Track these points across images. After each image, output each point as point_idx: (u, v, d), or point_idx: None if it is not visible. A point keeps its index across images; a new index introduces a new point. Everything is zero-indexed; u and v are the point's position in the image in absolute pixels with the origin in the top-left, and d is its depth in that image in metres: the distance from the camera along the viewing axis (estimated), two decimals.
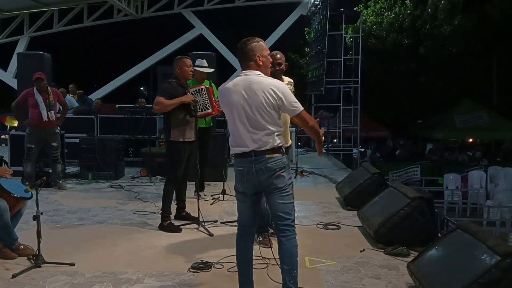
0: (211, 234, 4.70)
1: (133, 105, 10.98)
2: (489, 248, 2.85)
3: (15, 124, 16.17)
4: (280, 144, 2.92)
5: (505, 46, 18.13)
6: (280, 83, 2.95)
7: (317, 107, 16.71)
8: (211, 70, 6.01)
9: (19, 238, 3.97)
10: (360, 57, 14.26)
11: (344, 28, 14.97)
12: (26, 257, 3.87)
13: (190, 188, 5.29)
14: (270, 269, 3.63)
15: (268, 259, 3.78)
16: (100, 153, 7.95)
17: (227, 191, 6.45)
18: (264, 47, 3.00)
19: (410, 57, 19.00)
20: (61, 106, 7.37)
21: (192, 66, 5.14)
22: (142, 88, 30.29)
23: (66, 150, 8.29)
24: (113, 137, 8.32)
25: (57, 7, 15.53)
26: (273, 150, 2.89)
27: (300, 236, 4.38)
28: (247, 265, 3.07)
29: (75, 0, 15.45)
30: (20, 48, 15.55)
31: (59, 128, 7.25)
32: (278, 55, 4.23)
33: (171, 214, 5.04)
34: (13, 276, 3.49)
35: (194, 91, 5.16)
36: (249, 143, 2.90)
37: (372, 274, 3.68)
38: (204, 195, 6.46)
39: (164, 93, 4.81)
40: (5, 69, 15.60)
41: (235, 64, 16.13)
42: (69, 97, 10.65)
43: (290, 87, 4.21)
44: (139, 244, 4.43)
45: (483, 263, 2.80)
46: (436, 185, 13.02)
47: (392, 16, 18.76)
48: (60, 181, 7.20)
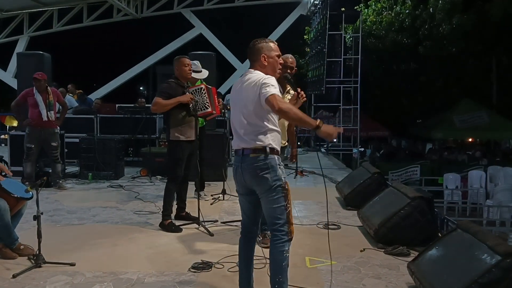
0: (212, 234, 4.70)
1: (133, 105, 10.98)
2: (490, 248, 2.85)
3: (15, 124, 16.17)
4: (265, 145, 2.81)
5: (505, 46, 18.14)
6: (266, 77, 2.82)
7: (317, 107, 16.72)
8: (204, 76, 5.96)
9: (20, 238, 3.97)
10: (360, 57, 14.27)
11: (344, 28, 14.98)
12: (27, 257, 3.87)
13: (191, 188, 5.28)
14: None
15: (268, 259, 3.78)
16: (100, 153, 7.96)
17: (227, 191, 6.46)
18: (272, 48, 2.97)
19: (410, 57, 19.01)
20: (61, 106, 7.37)
21: (191, 65, 5.14)
22: (142, 88, 30.29)
23: (66, 150, 8.30)
24: (113, 137, 8.32)
25: (57, 7, 15.54)
26: (256, 150, 2.82)
27: (300, 236, 4.43)
28: (247, 264, 3.06)
29: (75, 0, 15.45)
30: (20, 48, 15.56)
31: (59, 128, 7.25)
32: (290, 59, 4.24)
33: (172, 214, 5.04)
34: (14, 276, 3.49)
35: (194, 91, 5.17)
36: (239, 141, 2.90)
37: (373, 274, 3.68)
38: (205, 195, 6.47)
39: (162, 94, 4.85)
40: (5, 69, 15.61)
41: (235, 64, 16.16)
42: (69, 97, 10.64)
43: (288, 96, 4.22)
44: (140, 244, 4.43)
45: (484, 263, 2.80)
46: (436, 185, 13.02)
47: (392, 16, 18.77)
48: (60, 181, 7.20)
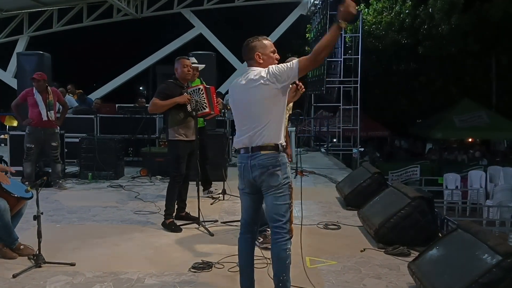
0: (212, 234, 4.69)
1: (133, 105, 10.98)
2: (490, 248, 2.85)
3: (15, 124, 16.16)
4: (276, 142, 2.85)
5: (505, 46, 18.14)
6: (263, 72, 2.86)
7: (317, 107, 16.73)
8: (201, 66, 5.98)
9: (20, 238, 3.97)
10: (360, 57, 14.27)
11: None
12: (27, 257, 3.87)
13: (191, 188, 5.28)
14: (271, 269, 3.62)
15: (269, 259, 3.78)
16: (100, 153, 7.94)
17: (227, 191, 6.47)
18: (266, 45, 2.98)
19: (410, 57, 19.02)
20: (61, 106, 7.37)
21: (191, 66, 5.15)
22: (142, 88, 30.29)
23: (66, 150, 8.29)
24: (113, 137, 8.32)
25: (57, 7, 15.53)
26: (267, 147, 2.84)
27: (301, 236, 4.41)
28: (248, 264, 3.06)
29: (75, 0, 15.45)
30: (20, 48, 15.55)
31: (59, 128, 7.25)
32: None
33: (174, 213, 5.04)
34: (14, 276, 3.48)
35: (192, 91, 5.17)
36: (247, 139, 2.90)
37: (373, 274, 3.68)
38: (216, 189, 6.57)
39: (159, 94, 4.89)
40: (5, 69, 15.60)
41: (235, 64, 16.16)
42: (69, 97, 10.64)
43: None
44: (140, 244, 4.43)
45: (484, 263, 2.80)
46: (436, 185, 13.04)
47: (392, 16, 18.77)
48: (60, 181, 7.20)
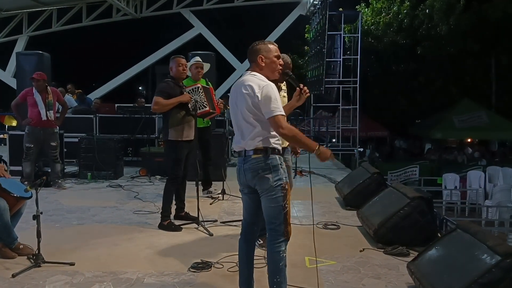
0: (211, 234, 4.70)
1: (132, 105, 10.97)
2: (490, 248, 2.85)
3: (14, 124, 16.14)
4: (266, 145, 2.83)
5: (504, 46, 18.16)
6: (264, 84, 2.84)
7: (316, 107, 16.73)
8: (206, 65, 6.00)
9: (19, 238, 3.97)
10: (359, 57, 14.28)
11: (342, 28, 15.00)
12: (26, 257, 3.87)
13: (191, 188, 5.28)
14: None
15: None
16: (99, 153, 7.94)
17: (227, 191, 6.47)
18: (271, 49, 2.97)
19: (409, 57, 19.03)
20: (61, 106, 7.36)
21: (186, 65, 5.14)
22: (141, 88, 30.30)
23: (65, 150, 8.29)
24: (112, 137, 8.31)
25: (56, 7, 15.52)
26: (257, 151, 2.84)
27: (300, 236, 4.43)
28: (247, 264, 3.06)
29: (74, 0, 15.44)
30: (19, 48, 15.53)
31: (58, 128, 7.25)
32: (286, 60, 4.09)
33: (171, 214, 5.04)
34: (13, 276, 3.48)
35: (191, 90, 5.17)
36: (241, 142, 2.91)
37: (372, 274, 3.68)
38: (215, 189, 6.56)
39: (162, 93, 4.84)
40: (4, 69, 15.58)
41: (234, 64, 16.15)
42: (68, 97, 10.63)
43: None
44: (139, 244, 4.42)
45: (484, 263, 2.80)
46: (435, 185, 13.04)
47: (390, 16, 18.79)
48: (60, 181, 7.19)
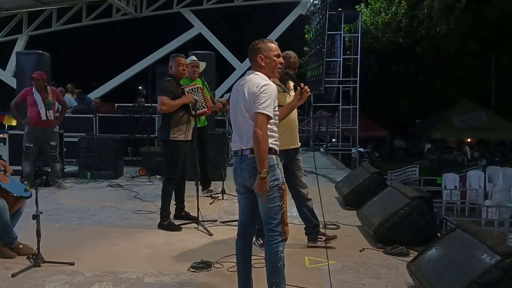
0: (211, 234, 4.69)
1: (132, 104, 10.96)
2: (489, 248, 2.85)
3: (14, 123, 16.14)
4: None
5: (504, 46, 18.17)
6: (265, 86, 2.82)
7: (316, 107, 16.72)
8: (201, 64, 6.00)
9: (19, 237, 3.97)
10: (359, 57, 14.28)
11: (342, 28, 15.00)
12: (26, 256, 3.87)
13: (191, 187, 5.28)
14: None
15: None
16: (99, 152, 7.94)
17: (226, 191, 6.47)
18: (271, 48, 2.96)
19: (409, 57, 19.04)
20: (60, 105, 7.36)
21: (186, 65, 5.14)
22: (141, 87, 30.27)
23: (65, 149, 8.29)
24: (112, 136, 8.31)
25: (56, 6, 15.51)
26: (253, 150, 2.81)
27: (300, 236, 4.42)
28: (245, 264, 3.05)
29: None
30: (19, 47, 15.52)
31: (58, 127, 7.24)
32: (292, 59, 4.10)
33: (171, 214, 5.04)
34: (13, 275, 3.48)
35: (190, 90, 5.17)
36: (238, 142, 2.91)
37: (372, 274, 3.68)
38: (215, 188, 6.55)
39: (167, 93, 4.79)
40: (4, 68, 15.57)
41: (234, 64, 16.15)
42: (68, 96, 10.63)
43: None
44: (139, 244, 4.42)
45: (483, 263, 2.80)
46: (435, 185, 13.04)
47: (389, 16, 18.80)
48: (59, 180, 7.19)
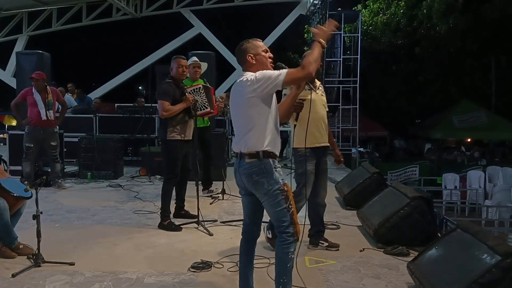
0: (211, 234, 4.70)
1: (132, 104, 10.96)
2: (490, 248, 2.85)
3: (14, 123, 16.15)
4: (258, 149, 2.80)
5: (504, 46, 18.17)
6: (252, 74, 2.80)
7: None
8: (203, 64, 6.02)
9: (19, 238, 3.97)
10: (359, 57, 14.27)
11: (342, 28, 14.99)
12: (26, 257, 3.87)
13: (191, 187, 5.28)
14: (271, 269, 3.62)
15: (269, 259, 3.78)
16: (99, 153, 7.95)
17: (227, 191, 6.47)
18: (258, 45, 2.95)
19: (408, 57, 19.04)
20: (60, 105, 7.36)
21: (187, 66, 5.14)
22: (141, 87, 30.26)
23: (65, 149, 8.29)
24: (112, 137, 8.31)
25: (56, 6, 15.50)
26: (251, 155, 2.81)
27: (300, 236, 4.42)
28: (247, 264, 3.06)
29: None
30: (19, 47, 15.51)
31: (58, 127, 7.24)
32: None
33: (171, 213, 5.04)
34: (13, 276, 3.48)
35: (192, 90, 5.17)
36: (237, 144, 2.91)
37: (372, 274, 3.68)
38: (216, 188, 6.55)
39: (167, 97, 4.81)
40: (4, 68, 15.56)
41: (234, 64, 16.12)
42: (68, 96, 10.63)
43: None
44: (139, 244, 4.42)
45: (484, 263, 2.80)
46: (435, 185, 13.03)
47: (387, 17, 18.80)
48: (59, 181, 7.19)
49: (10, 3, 14.92)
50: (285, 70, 2.77)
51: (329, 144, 4.33)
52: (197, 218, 4.92)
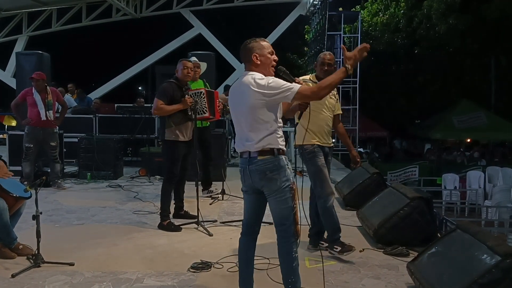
0: (211, 234, 4.70)
1: (132, 105, 10.96)
2: (490, 248, 2.85)
3: (14, 124, 16.14)
4: (272, 146, 2.83)
5: (504, 46, 18.17)
6: (263, 79, 2.81)
7: None
8: (202, 64, 6.03)
9: (19, 238, 3.97)
10: None
11: (342, 28, 14.99)
12: (26, 257, 3.87)
13: (191, 188, 5.28)
14: (271, 270, 3.62)
15: (269, 259, 3.78)
16: (99, 153, 7.95)
17: (226, 191, 6.47)
18: (264, 46, 2.94)
19: (408, 58, 19.05)
20: (60, 106, 7.36)
21: (192, 68, 5.15)
22: (141, 88, 30.29)
23: (65, 150, 8.29)
24: (112, 137, 8.31)
25: (56, 6, 15.49)
26: (264, 152, 2.83)
27: (300, 236, 4.41)
28: (247, 264, 3.06)
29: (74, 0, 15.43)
30: (19, 48, 15.51)
31: (58, 128, 7.24)
32: (328, 56, 4.18)
33: (170, 214, 5.05)
34: (13, 276, 3.48)
35: (193, 94, 5.17)
36: (245, 143, 2.90)
37: (372, 274, 3.68)
38: (216, 189, 6.54)
39: (163, 97, 4.84)
40: (4, 69, 15.55)
41: (234, 64, 16.14)
42: (68, 97, 10.62)
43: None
44: (139, 244, 4.42)
45: (484, 263, 2.80)
46: (435, 185, 13.03)
47: (387, 17, 18.82)
48: (59, 181, 7.19)
49: (10, 4, 14.92)
50: (298, 86, 2.77)
51: (346, 146, 4.43)
52: (197, 219, 4.92)
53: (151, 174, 8.10)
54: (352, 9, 18.92)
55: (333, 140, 17.07)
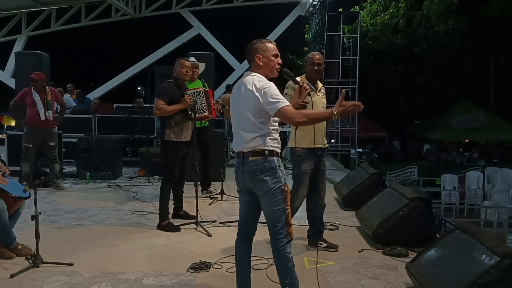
0: (210, 234, 4.69)
1: (131, 105, 10.96)
2: (488, 249, 2.85)
3: (13, 124, 16.12)
4: (263, 148, 2.81)
5: (502, 47, 18.19)
6: (261, 82, 2.81)
7: None
8: (201, 64, 6.04)
9: (18, 238, 3.96)
10: (358, 58, 14.29)
11: (342, 29, 15.02)
12: (24, 257, 3.87)
13: (190, 188, 5.28)
14: (270, 270, 3.62)
15: (268, 260, 3.78)
16: (98, 153, 7.94)
17: (225, 191, 6.46)
18: (269, 48, 2.93)
19: (407, 58, 19.06)
20: (59, 106, 7.35)
21: (190, 67, 5.15)
22: (140, 88, 30.25)
23: (64, 150, 8.27)
24: (111, 137, 8.31)
25: (55, 6, 15.51)
26: (255, 153, 2.82)
27: (299, 237, 4.42)
28: (244, 264, 3.04)
29: (73, 0, 15.44)
30: (18, 48, 15.52)
31: (57, 128, 7.24)
32: (317, 55, 4.21)
33: (169, 214, 5.04)
34: (12, 276, 3.48)
35: (192, 93, 5.17)
36: (239, 144, 2.90)
37: (371, 275, 3.68)
38: (215, 189, 6.54)
39: (164, 97, 4.83)
40: (3, 69, 15.56)
41: (233, 64, 16.17)
42: (67, 97, 10.62)
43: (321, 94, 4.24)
44: (138, 244, 4.42)
45: (482, 264, 2.80)
46: (433, 186, 13.04)
47: (387, 17, 18.83)
48: (58, 181, 7.18)
49: (9, 3, 14.93)
50: (284, 105, 2.73)
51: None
52: (196, 219, 4.92)
53: (150, 174, 8.10)
54: (351, 9, 18.94)
55: (332, 141, 17.13)
